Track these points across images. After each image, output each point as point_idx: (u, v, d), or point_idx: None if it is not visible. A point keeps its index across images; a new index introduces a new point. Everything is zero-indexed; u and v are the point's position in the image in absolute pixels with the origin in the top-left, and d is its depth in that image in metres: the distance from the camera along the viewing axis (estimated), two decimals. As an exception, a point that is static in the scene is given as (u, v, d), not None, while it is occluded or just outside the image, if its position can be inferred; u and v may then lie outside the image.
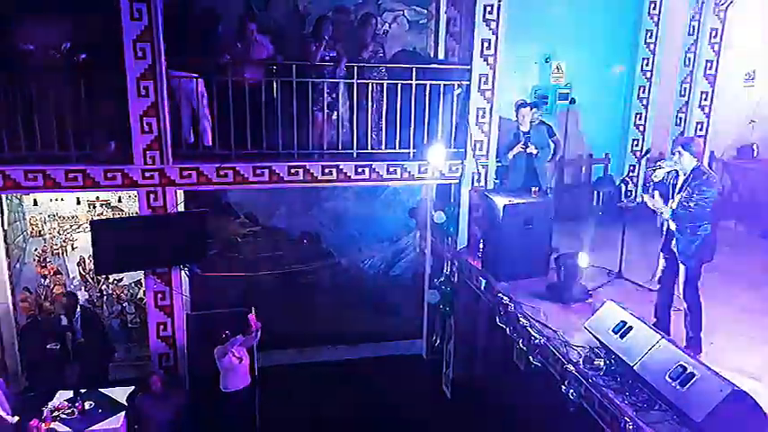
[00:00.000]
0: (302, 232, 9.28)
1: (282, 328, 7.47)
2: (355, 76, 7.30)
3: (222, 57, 6.91)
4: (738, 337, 5.72)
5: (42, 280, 8.51)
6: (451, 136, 7.74)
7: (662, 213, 5.50)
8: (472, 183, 7.76)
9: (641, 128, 9.58)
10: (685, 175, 5.34)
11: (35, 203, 8.26)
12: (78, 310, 7.64)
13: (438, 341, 9.15)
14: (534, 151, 7.40)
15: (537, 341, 5.80)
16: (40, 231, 8.38)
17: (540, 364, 5.80)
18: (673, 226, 5.43)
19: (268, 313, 7.29)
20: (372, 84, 7.45)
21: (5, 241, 8.06)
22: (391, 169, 7.54)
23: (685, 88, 8.74)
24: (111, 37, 6.55)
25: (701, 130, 8.66)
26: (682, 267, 5.48)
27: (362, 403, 8.33)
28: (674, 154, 5.40)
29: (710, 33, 8.35)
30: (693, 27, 8.52)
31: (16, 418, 6.34)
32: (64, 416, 6.59)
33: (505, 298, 6.54)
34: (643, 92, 9.44)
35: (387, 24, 8.68)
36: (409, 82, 7.38)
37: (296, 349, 9.18)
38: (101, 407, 6.79)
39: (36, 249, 8.42)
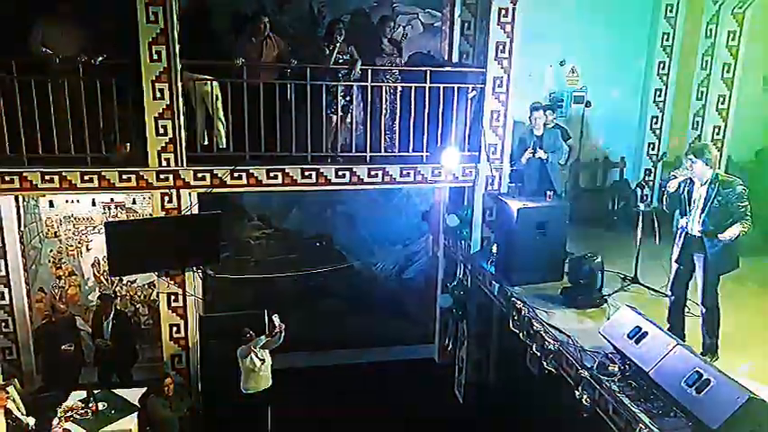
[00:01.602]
0: (315, 235, 9.28)
1: (294, 331, 7.47)
2: (369, 79, 7.30)
3: (237, 59, 6.93)
4: (755, 343, 5.64)
5: (57, 281, 8.58)
6: (465, 139, 7.70)
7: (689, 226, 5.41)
8: (486, 186, 7.73)
9: (657, 132, 9.50)
10: (702, 183, 5.27)
11: (51, 205, 8.33)
12: (113, 313, 7.76)
13: (450, 345, 9.11)
14: (544, 156, 7.36)
15: (551, 346, 5.75)
16: (55, 233, 8.45)
17: (553, 370, 5.76)
18: (697, 233, 5.34)
19: (280, 316, 7.28)
20: (386, 87, 7.45)
21: (21, 242, 8.13)
22: (405, 172, 7.52)
23: (702, 92, 8.65)
24: (128, 39, 6.61)
25: (717, 134, 8.57)
26: (699, 273, 5.42)
27: (374, 407, 8.30)
28: (686, 162, 5.34)
29: (728, 36, 8.26)
30: (711, 30, 8.44)
31: (33, 420, 6.39)
32: (77, 416, 6.65)
33: (519, 302, 6.49)
34: (659, 95, 9.36)
35: (401, 27, 8.67)
36: (423, 85, 7.37)
37: (307, 352, 9.16)
38: (114, 408, 6.84)
39: (51, 251, 8.49)
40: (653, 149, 9.53)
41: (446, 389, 9.00)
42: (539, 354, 6.01)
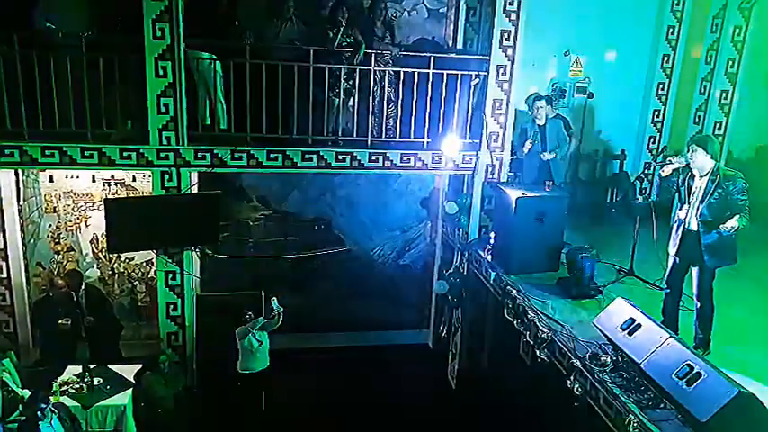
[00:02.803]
0: (314, 218, 9.29)
1: (291, 313, 7.51)
2: (372, 64, 7.28)
3: (242, 39, 6.89)
4: (747, 338, 5.68)
5: (56, 256, 8.60)
6: (467, 127, 7.70)
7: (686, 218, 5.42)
8: (486, 174, 7.73)
9: (659, 125, 9.49)
10: (701, 175, 5.28)
11: (51, 180, 8.32)
12: (83, 288, 7.75)
13: (445, 332, 9.16)
14: (551, 157, 7.43)
15: (544, 335, 5.79)
16: (54, 208, 8.45)
17: (546, 359, 5.80)
18: (694, 227, 5.37)
19: (277, 297, 7.32)
20: (388, 71, 7.42)
21: (20, 217, 8.15)
22: (405, 158, 7.53)
23: (705, 86, 8.63)
24: (132, 16, 6.58)
25: (719, 129, 8.55)
26: (695, 268, 5.45)
27: (367, 391, 8.36)
28: (688, 151, 5.34)
29: (734, 31, 8.22)
30: (717, 25, 8.40)
31: (28, 393, 6.43)
32: (73, 390, 6.71)
33: (514, 291, 6.53)
34: (662, 89, 9.34)
35: (406, 12, 8.62)
36: (426, 71, 7.35)
37: (303, 334, 9.21)
38: (109, 383, 6.90)
39: (50, 226, 8.50)
40: (653, 143, 9.53)
41: (439, 375, 9.05)
42: (532, 342, 6.06)
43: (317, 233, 9.30)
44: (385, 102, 7.52)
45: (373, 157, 7.45)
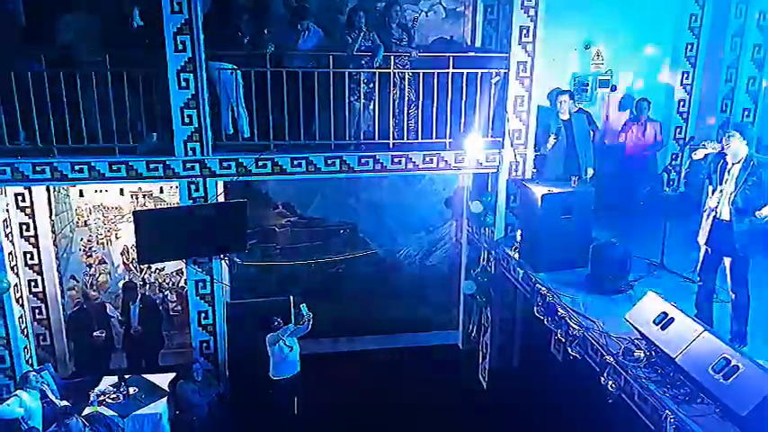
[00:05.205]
0: (339, 222, 9.33)
1: (320, 318, 7.55)
2: (392, 66, 7.29)
3: (268, 46, 6.95)
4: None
5: (88, 269, 8.76)
6: (489, 125, 7.67)
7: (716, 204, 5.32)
8: (510, 172, 7.69)
9: (685, 115, 9.33)
10: (735, 161, 5.18)
11: (81, 194, 8.48)
12: (138, 299, 7.94)
13: (474, 331, 9.13)
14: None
15: (575, 332, 5.74)
16: (85, 222, 8.62)
17: (578, 356, 5.75)
18: (726, 216, 5.27)
19: (306, 302, 7.37)
20: (408, 73, 7.42)
21: (53, 231, 8.33)
22: (428, 159, 7.52)
23: (731, 74, 8.46)
24: (153, 29, 6.68)
25: (747, 116, 8.39)
26: (728, 259, 5.34)
27: (399, 393, 8.36)
28: (724, 136, 5.24)
29: (759, 16, 8.05)
30: (741, 10, 8.24)
31: (65, 403, 6.57)
32: (109, 400, 6.83)
33: (544, 288, 6.47)
34: (686, 78, 9.18)
35: (424, 13, 8.63)
36: (446, 70, 7.33)
37: (332, 338, 9.27)
38: (144, 392, 7.01)
39: (82, 239, 8.66)
40: (680, 133, 9.36)
41: (470, 375, 9.03)
42: (563, 340, 6.01)
43: (343, 237, 9.34)
44: (405, 103, 7.53)
45: (396, 159, 7.46)
